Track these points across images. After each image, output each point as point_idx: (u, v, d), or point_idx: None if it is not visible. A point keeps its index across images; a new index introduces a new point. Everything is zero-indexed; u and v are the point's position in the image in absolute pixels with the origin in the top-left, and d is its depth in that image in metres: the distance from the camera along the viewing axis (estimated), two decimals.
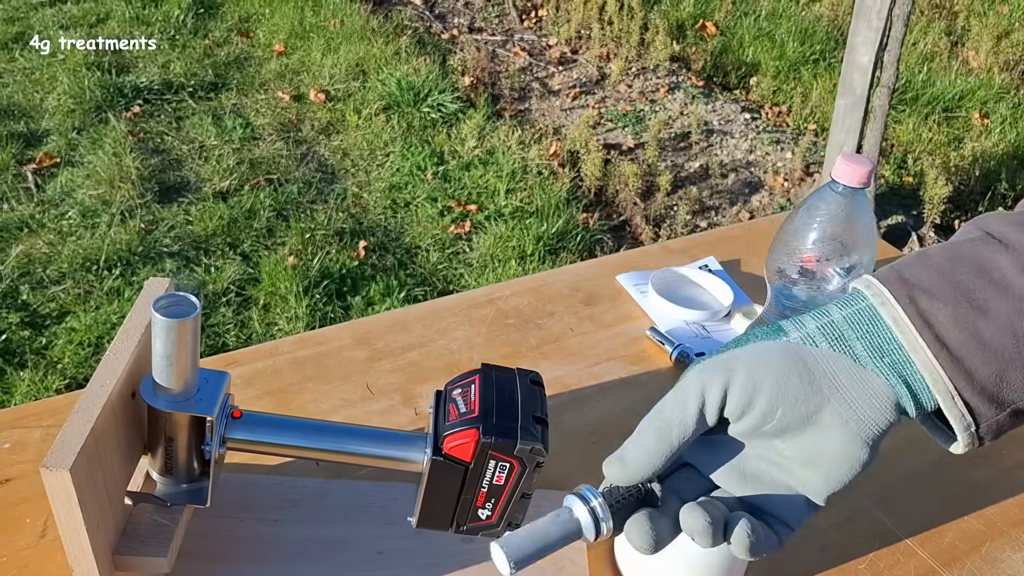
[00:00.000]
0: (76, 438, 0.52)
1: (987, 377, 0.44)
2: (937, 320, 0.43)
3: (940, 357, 0.43)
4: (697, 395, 0.46)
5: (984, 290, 0.43)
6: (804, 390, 0.45)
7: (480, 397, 0.61)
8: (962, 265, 0.44)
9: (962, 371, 0.44)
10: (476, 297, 1.07)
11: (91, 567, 0.55)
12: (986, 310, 0.43)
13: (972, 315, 0.43)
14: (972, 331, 0.43)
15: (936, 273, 0.44)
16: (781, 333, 0.46)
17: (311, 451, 0.62)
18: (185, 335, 0.56)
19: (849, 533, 0.79)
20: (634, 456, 0.47)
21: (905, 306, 0.44)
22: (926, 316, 0.43)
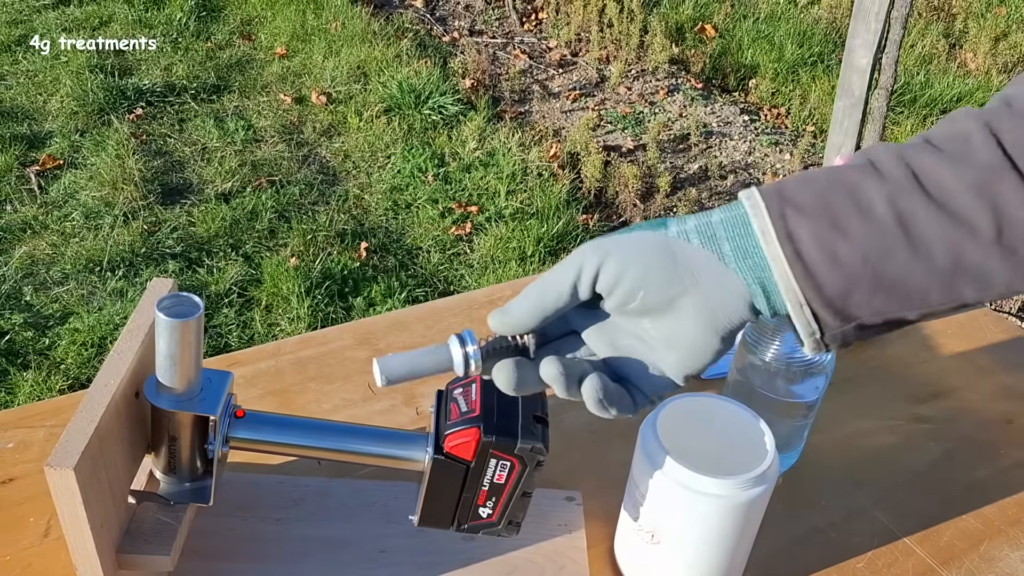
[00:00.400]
0: (80, 437, 0.52)
1: (834, 292, 0.48)
2: (799, 236, 0.47)
3: (795, 269, 0.48)
4: (575, 270, 0.51)
5: (849, 214, 0.47)
6: (668, 278, 0.50)
7: (481, 396, 0.61)
8: (838, 189, 0.48)
9: (812, 284, 0.48)
10: (477, 298, 1.07)
11: (95, 566, 0.56)
12: (846, 232, 0.47)
13: (832, 235, 0.47)
14: (829, 250, 0.47)
15: (812, 194, 0.48)
16: (663, 227, 0.51)
17: (314, 450, 0.63)
18: (188, 335, 0.56)
19: (848, 532, 0.80)
20: (514, 311, 0.53)
21: (775, 219, 0.48)
22: (791, 231, 0.47)
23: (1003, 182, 0.46)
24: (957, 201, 0.46)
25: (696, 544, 0.67)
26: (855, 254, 0.47)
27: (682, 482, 0.64)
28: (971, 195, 0.46)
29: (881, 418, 0.94)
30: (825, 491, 0.84)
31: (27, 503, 0.76)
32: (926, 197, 0.47)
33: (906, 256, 0.47)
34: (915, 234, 0.47)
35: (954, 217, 0.46)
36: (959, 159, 0.47)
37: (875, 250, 0.47)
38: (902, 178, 0.47)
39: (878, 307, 0.48)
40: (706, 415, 0.72)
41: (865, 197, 0.47)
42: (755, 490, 0.65)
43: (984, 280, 0.48)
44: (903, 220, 0.47)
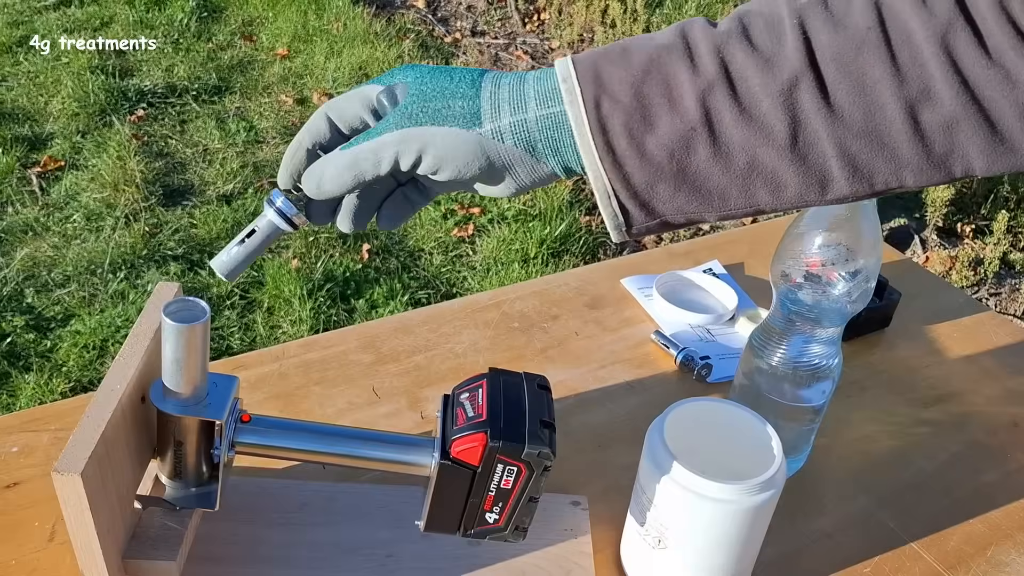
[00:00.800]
0: (87, 442, 0.52)
1: (640, 183, 0.49)
2: (612, 127, 0.48)
3: (605, 161, 0.49)
4: (391, 159, 0.52)
5: (661, 107, 0.48)
6: (483, 174, 0.52)
7: (488, 401, 0.61)
8: (654, 77, 0.49)
9: (620, 176, 0.49)
10: (481, 300, 1.07)
11: (101, 571, 0.56)
12: (655, 126, 0.48)
13: (643, 128, 0.48)
14: (638, 142, 0.48)
15: (629, 81, 0.49)
16: (476, 122, 0.51)
17: (320, 455, 0.62)
18: (195, 339, 0.56)
19: (853, 536, 0.80)
20: (329, 184, 0.53)
21: (589, 110, 0.49)
22: (604, 122, 0.49)
23: (803, 89, 0.47)
24: (759, 105, 0.47)
25: (703, 549, 0.67)
26: (662, 148, 0.48)
27: (689, 487, 0.64)
28: (773, 100, 0.47)
29: (887, 422, 0.93)
30: (831, 495, 0.84)
31: (32, 507, 0.76)
32: (733, 99, 0.48)
33: (708, 154, 0.48)
34: (718, 133, 0.48)
35: (755, 121, 0.48)
36: (770, 62, 0.48)
37: (680, 145, 0.48)
38: (714, 75, 0.48)
39: (680, 205, 0.50)
40: (713, 419, 0.72)
41: (678, 89, 0.48)
42: (762, 495, 0.65)
43: (777, 184, 0.49)
44: (709, 119, 0.48)
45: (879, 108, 0.47)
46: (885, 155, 0.48)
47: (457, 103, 0.51)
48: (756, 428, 0.70)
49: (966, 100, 0.46)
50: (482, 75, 0.52)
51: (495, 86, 0.52)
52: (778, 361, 0.77)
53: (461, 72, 0.52)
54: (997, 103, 0.46)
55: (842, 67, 0.47)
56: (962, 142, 0.47)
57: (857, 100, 0.47)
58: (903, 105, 0.47)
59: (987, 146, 0.47)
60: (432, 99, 0.51)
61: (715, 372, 0.97)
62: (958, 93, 0.46)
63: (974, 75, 0.46)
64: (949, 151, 0.48)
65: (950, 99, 0.46)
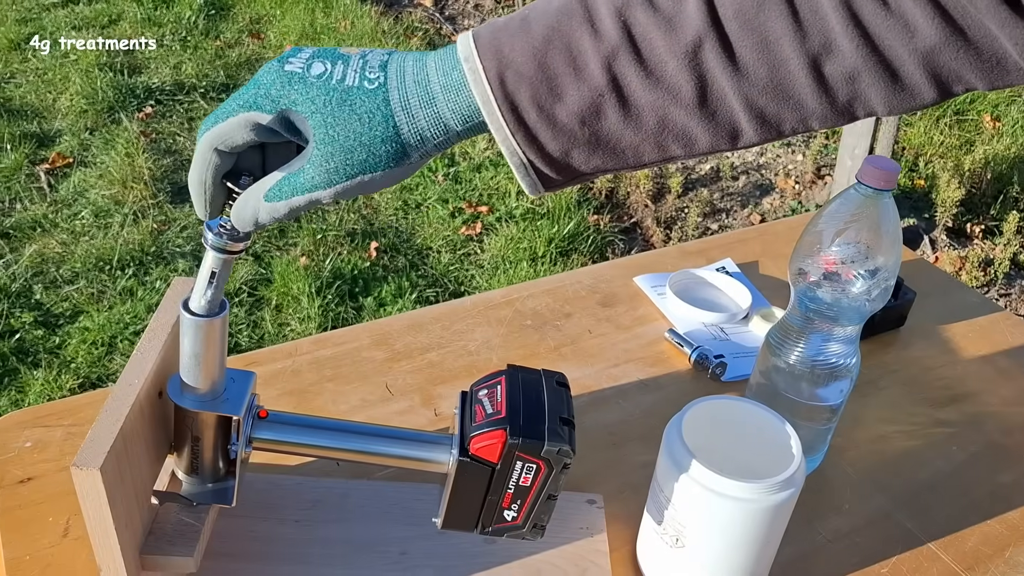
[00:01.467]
0: (106, 437, 0.52)
1: (556, 152, 0.50)
2: (520, 101, 0.48)
3: (518, 135, 0.49)
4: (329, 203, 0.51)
5: (566, 76, 0.48)
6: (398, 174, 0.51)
7: (507, 398, 0.61)
8: (556, 46, 0.48)
9: (535, 146, 0.50)
10: (494, 298, 1.07)
11: (119, 566, 0.55)
12: (563, 96, 0.48)
13: (551, 99, 0.48)
14: (548, 113, 0.48)
15: (531, 53, 0.48)
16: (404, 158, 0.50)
17: (337, 452, 0.62)
18: (214, 334, 0.56)
19: (871, 537, 0.79)
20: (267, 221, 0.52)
21: (494, 88, 0.48)
22: (511, 97, 0.48)
23: (708, 49, 0.48)
24: (666, 67, 0.48)
25: (721, 548, 0.66)
26: (572, 117, 0.49)
27: (708, 485, 0.64)
28: (679, 62, 0.48)
29: (903, 422, 0.93)
30: (848, 495, 0.83)
31: (46, 502, 0.76)
32: (639, 63, 0.48)
33: (618, 118, 0.49)
34: (626, 97, 0.48)
35: (662, 83, 0.48)
36: (672, 23, 0.48)
37: (590, 112, 0.49)
38: (617, 39, 0.48)
39: (597, 164, 0.51)
40: (731, 418, 0.71)
41: (582, 57, 0.48)
42: (782, 494, 0.64)
43: (689, 140, 0.50)
44: (616, 84, 0.48)
45: (783, 63, 0.48)
46: (791, 106, 0.49)
47: (381, 148, 0.50)
48: (775, 427, 0.69)
49: (867, 51, 0.47)
50: (386, 94, 0.49)
51: (403, 95, 0.49)
52: (796, 360, 0.77)
53: (365, 102, 0.49)
54: (897, 52, 0.47)
55: (744, 24, 0.47)
56: (864, 90, 0.48)
57: (761, 57, 0.48)
58: (806, 59, 0.48)
59: (888, 93, 0.49)
60: (352, 151, 0.49)
61: (729, 371, 0.96)
62: (859, 46, 0.47)
63: (874, 26, 0.47)
64: (852, 99, 0.49)
65: (851, 51, 0.47)
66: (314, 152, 0.49)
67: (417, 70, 0.50)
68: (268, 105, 0.49)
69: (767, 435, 0.70)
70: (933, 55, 0.47)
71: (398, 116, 0.49)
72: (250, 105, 0.50)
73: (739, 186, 2.98)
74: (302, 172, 0.50)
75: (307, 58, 0.50)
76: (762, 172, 3.06)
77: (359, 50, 0.51)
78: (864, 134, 2.54)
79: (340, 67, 0.50)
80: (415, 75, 0.50)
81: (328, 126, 0.49)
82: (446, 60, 0.50)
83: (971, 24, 0.45)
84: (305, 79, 0.49)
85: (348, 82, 0.49)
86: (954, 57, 0.47)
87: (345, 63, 0.50)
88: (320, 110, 0.49)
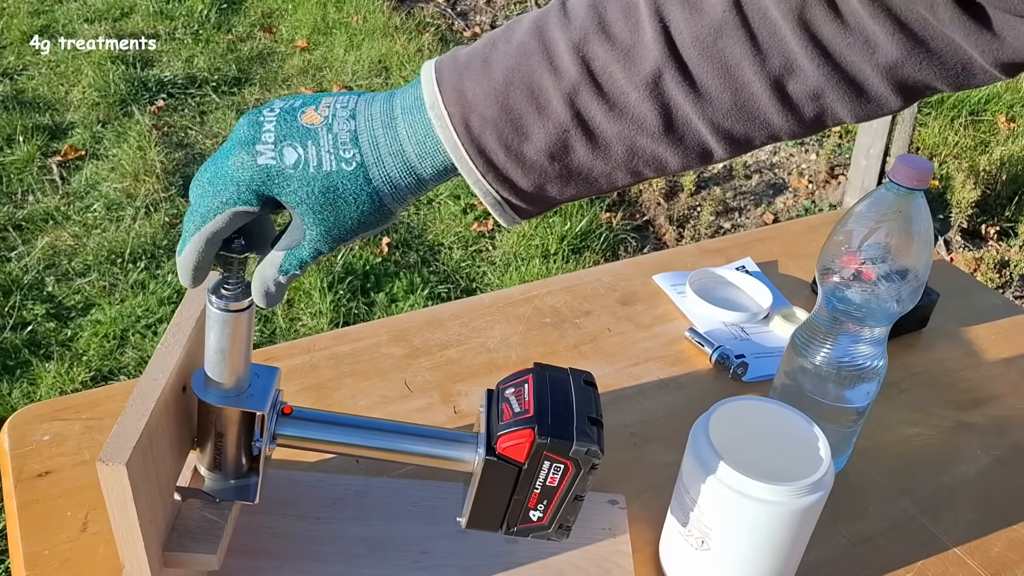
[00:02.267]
0: (132, 432, 0.51)
1: (529, 187, 0.51)
2: (487, 145, 0.49)
3: (488, 176, 0.50)
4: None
5: (530, 116, 0.48)
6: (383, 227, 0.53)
7: (534, 397, 0.60)
8: (517, 87, 0.48)
9: (507, 185, 0.50)
10: (512, 295, 1.06)
11: (142, 563, 0.55)
12: (529, 135, 0.48)
13: (517, 139, 0.48)
14: (517, 153, 0.49)
15: (492, 96, 0.48)
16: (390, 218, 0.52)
17: (363, 449, 0.61)
18: (240, 328, 0.55)
19: (895, 541, 0.78)
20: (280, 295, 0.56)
21: (460, 132, 0.49)
22: (477, 140, 0.49)
23: (668, 79, 0.47)
24: (628, 99, 0.48)
25: (748, 551, 0.65)
26: (541, 154, 0.49)
27: (736, 487, 0.63)
28: (640, 93, 0.48)
29: (926, 425, 0.92)
30: (871, 498, 0.82)
31: (64, 497, 0.75)
32: (600, 96, 0.48)
33: (586, 150, 0.49)
34: (592, 130, 0.49)
35: (626, 114, 0.48)
36: (630, 55, 0.47)
37: (558, 148, 0.49)
38: (577, 75, 0.48)
39: (572, 194, 0.52)
40: (757, 419, 0.70)
41: (544, 96, 0.48)
42: (811, 497, 0.63)
43: (660, 163, 0.50)
44: (580, 119, 0.48)
45: (745, 86, 0.47)
46: (758, 125, 0.49)
47: (370, 218, 0.51)
48: (802, 429, 0.69)
49: (829, 70, 0.47)
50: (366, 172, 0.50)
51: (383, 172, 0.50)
52: (822, 360, 0.76)
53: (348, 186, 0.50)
54: (860, 68, 0.47)
55: (703, 51, 0.47)
56: (831, 104, 0.48)
57: (722, 82, 0.47)
58: (768, 81, 0.47)
59: (855, 105, 0.48)
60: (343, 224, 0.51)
61: (751, 371, 0.95)
62: (820, 65, 0.46)
63: (834, 46, 0.46)
64: (819, 113, 0.49)
65: (813, 71, 0.47)
66: (307, 232, 0.51)
67: (390, 140, 0.50)
68: (253, 199, 0.50)
69: (794, 437, 0.69)
70: (896, 68, 0.46)
71: (382, 191, 0.50)
72: (235, 202, 0.50)
73: (752, 185, 2.97)
74: (302, 247, 0.52)
75: (274, 142, 0.50)
76: (775, 171, 3.05)
77: (321, 117, 0.50)
78: (880, 134, 2.52)
79: (312, 150, 0.50)
80: (389, 146, 0.50)
81: (316, 213, 0.50)
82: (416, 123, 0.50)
83: (933, 35, 0.45)
84: (283, 171, 0.50)
85: (326, 167, 0.50)
86: (918, 69, 0.46)
87: (315, 143, 0.50)
88: (305, 201, 0.50)
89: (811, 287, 1.12)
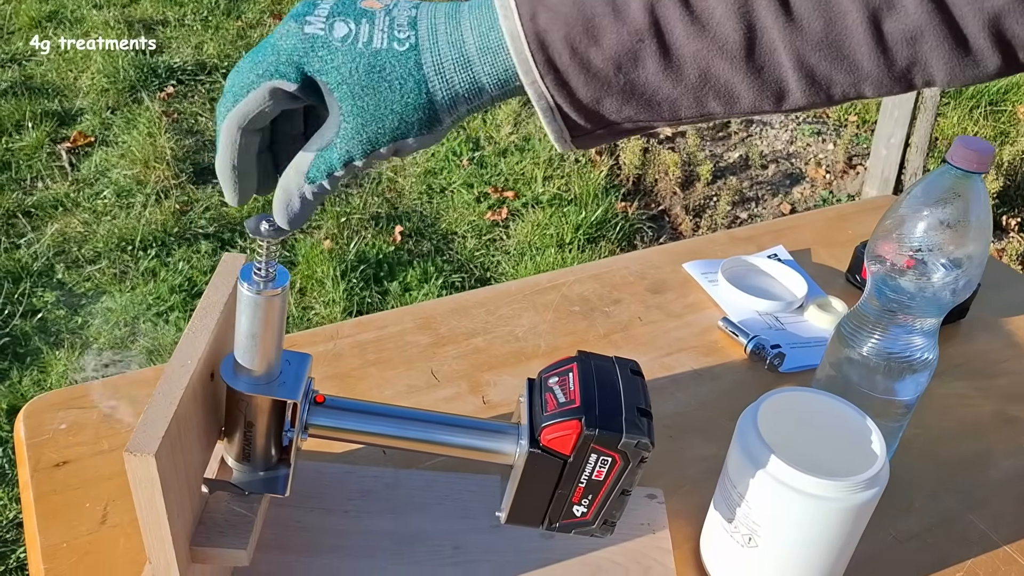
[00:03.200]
0: (160, 421, 0.49)
1: (587, 98, 0.46)
2: (551, 42, 0.44)
3: (546, 78, 0.45)
4: None
5: (604, 17, 0.44)
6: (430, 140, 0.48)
7: (580, 386, 0.57)
8: None
9: (564, 92, 0.46)
10: (540, 282, 1.03)
11: (169, 558, 0.52)
12: (599, 39, 0.44)
13: (586, 42, 0.44)
14: (582, 57, 0.45)
15: None
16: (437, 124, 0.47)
17: (399, 440, 0.58)
18: (273, 312, 0.53)
19: (943, 538, 0.75)
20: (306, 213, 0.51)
21: (525, 23, 0.45)
22: (542, 36, 0.44)
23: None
24: (713, 13, 0.44)
25: (798, 549, 0.63)
26: (608, 62, 0.45)
27: (787, 482, 0.60)
28: (727, 8, 0.44)
29: (970, 418, 0.89)
30: (917, 494, 0.79)
31: (82, 488, 0.73)
32: (684, 7, 0.44)
33: (657, 67, 0.45)
34: (668, 44, 0.45)
35: (708, 31, 0.44)
36: None
37: (628, 58, 0.45)
38: None
39: (629, 115, 0.47)
40: (806, 411, 0.67)
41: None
42: (866, 493, 0.60)
43: (731, 96, 0.46)
44: (658, 29, 0.44)
45: (840, 17, 0.44)
46: (845, 67, 0.45)
47: (413, 115, 0.46)
48: (855, 421, 0.66)
49: (931, 9, 0.43)
50: (419, 56, 0.45)
51: (436, 58, 0.46)
52: (869, 351, 0.73)
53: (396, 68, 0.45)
54: (962, 12, 0.43)
55: None
56: (925, 54, 0.44)
57: (817, 8, 0.44)
58: (865, 14, 0.43)
59: (951, 58, 0.44)
60: (383, 119, 0.46)
61: (787, 362, 0.92)
62: (922, 1, 0.43)
63: None
64: (911, 63, 0.45)
65: (914, 8, 0.43)
66: (343, 125, 0.46)
67: (451, 28, 0.46)
68: (292, 73, 0.45)
69: (846, 430, 0.66)
70: (1000, 17, 0.43)
71: (431, 81, 0.46)
72: (271, 73, 0.45)
73: (769, 175, 2.93)
74: (334, 148, 0.47)
75: (327, 16, 0.46)
76: (792, 161, 3.01)
77: (383, 3, 0.47)
78: (900, 123, 2.48)
79: (365, 27, 0.46)
80: (448, 34, 0.46)
81: (356, 97, 0.45)
82: (482, 16, 0.46)
83: None
84: (329, 43, 0.45)
85: (376, 44, 0.45)
86: (1021, 21, 0.43)
87: (371, 21, 0.46)
88: (347, 80, 0.45)
89: (846, 276, 1.08)
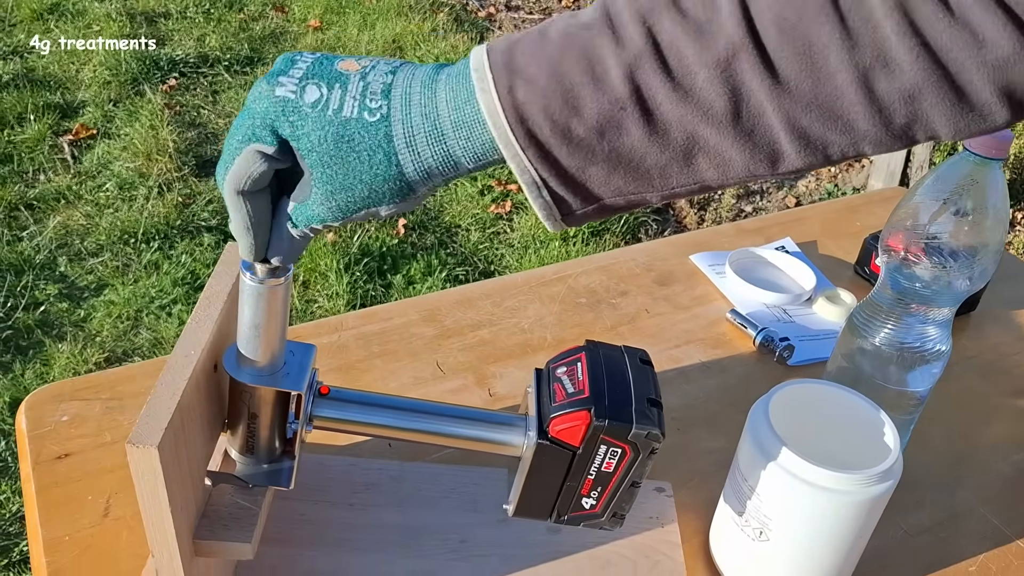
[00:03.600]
0: (163, 413, 0.48)
1: (572, 168, 0.45)
2: (531, 115, 0.43)
3: (528, 151, 0.44)
4: None
5: (584, 87, 0.43)
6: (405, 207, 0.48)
7: (589, 376, 0.56)
8: (573, 54, 0.43)
9: (548, 163, 0.44)
10: (545, 274, 1.02)
11: (173, 551, 0.51)
12: (579, 109, 0.43)
13: (566, 112, 0.43)
14: (563, 128, 0.43)
15: (545, 61, 0.44)
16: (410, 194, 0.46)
17: (405, 432, 0.57)
18: (276, 302, 0.51)
19: (955, 532, 0.75)
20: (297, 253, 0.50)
21: (502, 96, 0.43)
22: (521, 111, 0.43)
23: (743, 59, 0.42)
24: (695, 79, 0.42)
25: (810, 542, 0.62)
26: (591, 131, 0.43)
27: (800, 475, 0.59)
28: (710, 72, 0.42)
29: (982, 411, 0.88)
30: (928, 488, 0.78)
31: (84, 480, 0.72)
32: (665, 72, 0.42)
33: (641, 133, 0.43)
34: (651, 110, 0.43)
35: (691, 96, 0.43)
36: (703, 31, 0.42)
37: (610, 125, 0.43)
38: (642, 47, 0.42)
39: (618, 185, 0.46)
40: (818, 403, 0.66)
41: (600, 65, 0.43)
42: (880, 486, 0.60)
43: (722, 161, 0.44)
44: (640, 96, 0.43)
45: (829, 76, 0.41)
46: (839, 128, 0.43)
47: (383, 187, 0.45)
48: (867, 414, 0.65)
49: (928, 65, 0.41)
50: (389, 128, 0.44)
51: (408, 129, 0.45)
52: (882, 340, 0.72)
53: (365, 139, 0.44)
54: (963, 67, 0.40)
55: (785, 33, 0.41)
56: (925, 111, 0.42)
57: (804, 69, 0.41)
58: (856, 73, 0.41)
59: (954, 114, 0.42)
60: (352, 188, 0.45)
61: (797, 354, 0.91)
62: (918, 57, 0.40)
63: (936, 37, 0.40)
64: (911, 121, 0.42)
65: (909, 65, 0.41)
66: (314, 190, 0.46)
67: (426, 100, 0.45)
68: (268, 136, 0.45)
69: (858, 423, 0.65)
70: (1005, 68, 0.40)
71: (401, 154, 0.45)
72: (250, 137, 0.46)
73: None
74: (307, 205, 0.47)
75: (300, 78, 0.45)
76: None
77: (360, 66, 0.46)
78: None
79: (337, 93, 0.45)
80: (423, 106, 0.45)
81: (326, 165, 0.45)
82: (459, 87, 0.45)
83: None
84: (299, 108, 0.45)
85: (346, 113, 0.44)
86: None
87: (343, 87, 0.45)
88: (316, 148, 0.45)
89: (854, 268, 1.07)
